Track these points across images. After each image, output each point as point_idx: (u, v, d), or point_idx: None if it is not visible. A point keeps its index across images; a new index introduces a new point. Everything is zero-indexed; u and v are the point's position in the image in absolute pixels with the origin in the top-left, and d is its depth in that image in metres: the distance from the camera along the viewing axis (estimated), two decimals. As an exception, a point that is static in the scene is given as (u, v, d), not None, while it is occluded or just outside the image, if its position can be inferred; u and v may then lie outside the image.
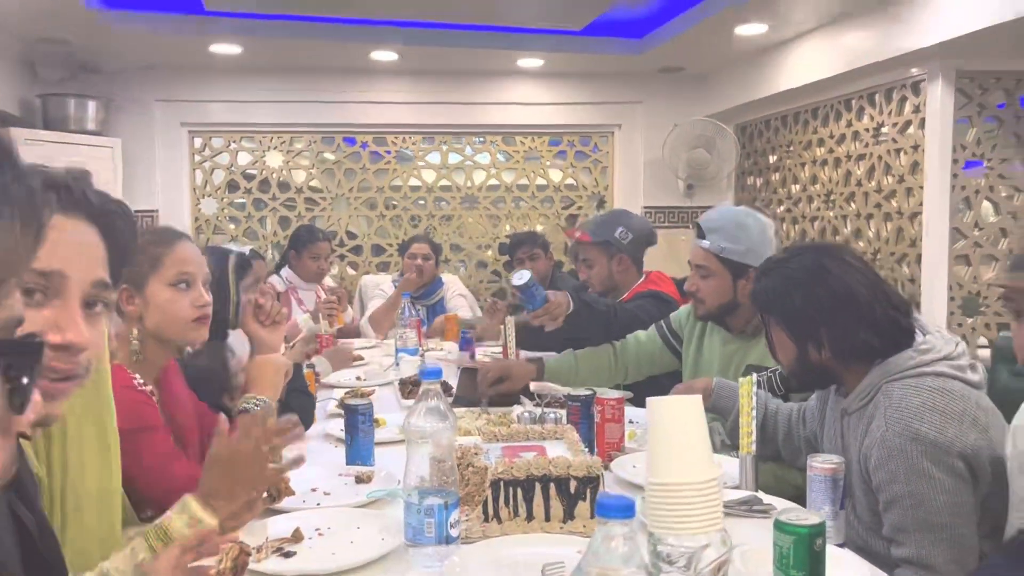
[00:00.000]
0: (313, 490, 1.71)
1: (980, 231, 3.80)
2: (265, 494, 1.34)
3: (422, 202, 5.53)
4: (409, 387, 2.70)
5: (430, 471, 1.35)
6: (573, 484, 1.48)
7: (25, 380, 0.48)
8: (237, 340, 2.18)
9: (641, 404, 2.57)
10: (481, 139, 5.56)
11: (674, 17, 4.30)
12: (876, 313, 1.60)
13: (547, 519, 1.48)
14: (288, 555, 1.37)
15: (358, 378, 3.07)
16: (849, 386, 1.67)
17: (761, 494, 1.64)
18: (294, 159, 5.37)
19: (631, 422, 2.18)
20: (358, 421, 1.92)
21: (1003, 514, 1.49)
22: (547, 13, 4.01)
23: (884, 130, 4.13)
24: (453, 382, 2.64)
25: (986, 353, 3.31)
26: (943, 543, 1.44)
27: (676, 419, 0.90)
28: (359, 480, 1.79)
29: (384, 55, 4.75)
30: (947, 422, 1.47)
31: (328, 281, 4.55)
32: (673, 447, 0.89)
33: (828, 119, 4.55)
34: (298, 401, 2.07)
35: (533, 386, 2.66)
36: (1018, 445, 1.44)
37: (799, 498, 1.57)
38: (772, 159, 5.14)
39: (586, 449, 1.70)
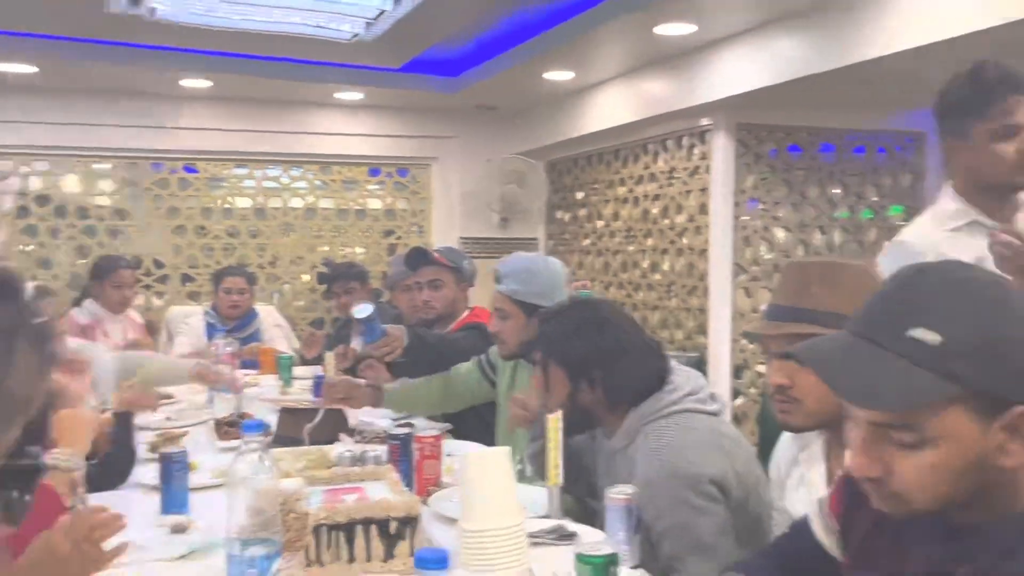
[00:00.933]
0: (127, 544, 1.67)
1: (758, 267, 4.26)
2: None
3: (235, 229, 5.40)
4: (225, 427, 2.65)
5: (252, 521, 1.38)
6: (393, 525, 1.56)
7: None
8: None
9: (460, 436, 2.70)
10: (299, 168, 5.52)
11: (487, 59, 4.50)
12: (643, 362, 1.82)
13: (368, 559, 1.55)
14: (104, 615, 1.35)
15: (168, 418, 2.95)
16: (611, 429, 1.86)
17: (567, 522, 1.79)
18: (95, 183, 5.08)
19: (448, 455, 2.28)
20: (173, 469, 1.90)
21: (752, 526, 1.72)
22: (366, 51, 4.08)
23: (676, 173, 4.53)
24: (272, 420, 2.63)
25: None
26: (713, 562, 1.65)
27: (484, 471, 1.01)
28: (175, 530, 1.77)
29: (195, 82, 4.63)
30: (696, 453, 1.69)
31: (132, 313, 4.34)
32: (483, 497, 1.00)
33: (628, 161, 4.93)
34: (118, 456, 2.01)
35: (353, 422, 2.71)
36: (780, 474, 1.67)
37: (603, 522, 1.73)
38: (579, 196, 5.47)
39: (406, 488, 1.78)
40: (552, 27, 3.87)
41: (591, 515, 1.78)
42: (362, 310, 2.49)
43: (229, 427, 2.63)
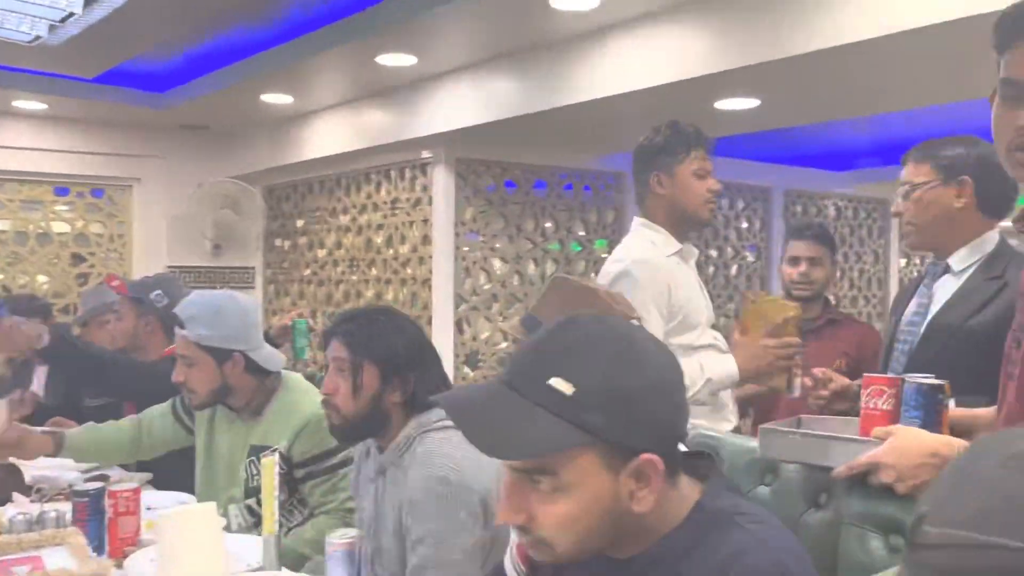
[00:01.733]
0: None
1: (477, 296, 4.38)
2: None
3: None
4: None
5: None
6: (77, 597, 1.35)
7: None
8: None
9: (160, 481, 2.44)
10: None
11: (199, 76, 4.22)
12: (438, 369, 1.84)
13: (44, 643, 1.32)
14: None
15: None
16: (389, 439, 1.80)
17: (285, 571, 1.66)
18: None
19: (148, 509, 2.05)
20: None
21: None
22: (52, 57, 3.63)
23: (400, 204, 4.54)
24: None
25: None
26: None
27: (185, 531, 0.89)
28: None
29: None
30: (470, 467, 1.68)
31: None
32: (183, 561, 0.88)
33: (351, 189, 4.85)
34: None
35: (29, 478, 2.34)
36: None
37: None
38: (300, 223, 5.30)
39: (94, 553, 1.56)
40: (270, 48, 3.72)
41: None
42: None
43: None
